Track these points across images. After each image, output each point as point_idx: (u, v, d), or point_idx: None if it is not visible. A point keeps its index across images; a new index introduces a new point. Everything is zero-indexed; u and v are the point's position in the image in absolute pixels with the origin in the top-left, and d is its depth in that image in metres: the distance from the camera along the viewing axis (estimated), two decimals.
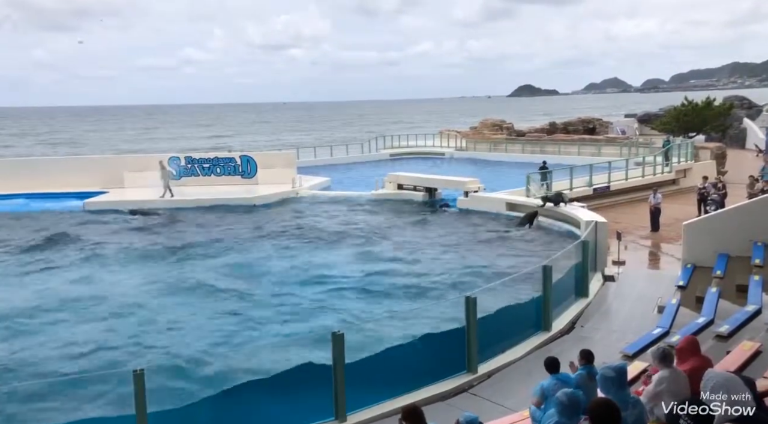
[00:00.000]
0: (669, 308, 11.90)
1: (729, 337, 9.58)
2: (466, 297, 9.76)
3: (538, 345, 10.93)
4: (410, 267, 16.89)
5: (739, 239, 13.69)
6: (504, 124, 48.70)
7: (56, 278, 16.92)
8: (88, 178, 28.79)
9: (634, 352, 9.93)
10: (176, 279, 16.32)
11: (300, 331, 12.45)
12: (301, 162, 35.62)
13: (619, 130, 48.36)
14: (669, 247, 17.91)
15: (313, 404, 8.54)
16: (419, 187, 26.28)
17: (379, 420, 8.43)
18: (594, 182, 25.08)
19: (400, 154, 45.05)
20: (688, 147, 30.41)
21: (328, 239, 20.37)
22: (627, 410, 4.55)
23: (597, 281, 14.30)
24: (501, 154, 41.42)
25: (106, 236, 21.42)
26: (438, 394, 9.24)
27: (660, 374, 5.43)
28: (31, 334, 12.69)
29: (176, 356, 11.29)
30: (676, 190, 27.08)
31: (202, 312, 13.80)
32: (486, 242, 19.49)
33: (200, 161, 30.33)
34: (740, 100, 55.77)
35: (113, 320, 13.36)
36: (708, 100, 41.08)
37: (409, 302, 14.04)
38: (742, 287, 11.95)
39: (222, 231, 21.93)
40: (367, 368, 8.97)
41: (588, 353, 6.90)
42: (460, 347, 9.80)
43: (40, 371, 10.78)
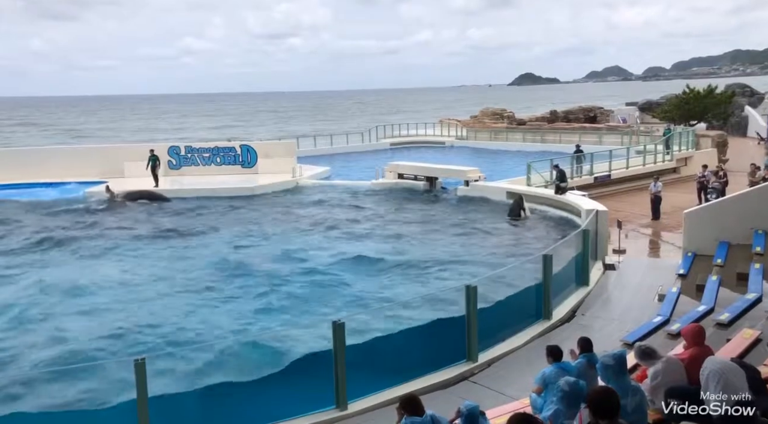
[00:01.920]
0: (669, 296, 11.91)
1: (729, 325, 9.59)
2: (466, 286, 9.76)
3: (539, 334, 10.95)
4: (410, 256, 16.90)
5: (740, 227, 13.68)
6: (504, 113, 48.57)
7: (58, 266, 16.92)
8: (88, 168, 28.77)
9: (635, 340, 9.92)
10: (176, 269, 16.34)
11: (300, 319, 12.49)
12: (301, 151, 35.55)
13: (621, 119, 48.24)
14: (669, 235, 17.90)
15: (313, 392, 8.57)
16: (420, 176, 26.24)
17: (380, 408, 8.46)
18: (595, 171, 25.05)
19: (401, 143, 44.99)
20: (689, 135, 30.36)
21: (328, 228, 20.37)
22: (627, 398, 4.56)
23: (597, 270, 14.30)
24: (501, 143, 41.34)
25: (106, 225, 21.43)
26: (438, 382, 9.26)
27: (653, 368, 5.43)
28: (33, 323, 12.71)
29: (175, 344, 11.32)
30: (677, 178, 27.06)
31: (201, 301, 13.82)
32: (486, 230, 19.48)
33: (200, 151, 30.27)
34: (742, 88, 55.57)
35: (110, 309, 13.40)
36: (709, 88, 40.95)
37: (409, 290, 14.05)
38: (742, 275, 11.95)
39: (221, 220, 21.93)
40: (368, 356, 8.99)
41: (586, 341, 6.90)
42: (460, 335, 9.82)
43: (42, 358, 10.84)
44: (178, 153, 29.86)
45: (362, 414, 8.46)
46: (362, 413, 8.48)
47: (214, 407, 8.02)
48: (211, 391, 8.22)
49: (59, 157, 30.31)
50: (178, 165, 29.73)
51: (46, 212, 23.67)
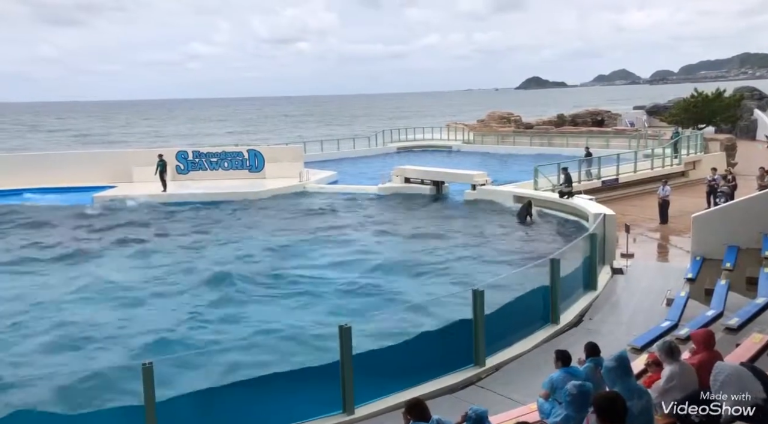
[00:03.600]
0: (678, 300, 11.84)
1: (738, 329, 9.52)
2: (473, 290, 9.73)
3: (546, 338, 10.90)
4: (417, 259, 16.89)
5: (749, 231, 13.59)
6: (512, 117, 48.45)
7: (68, 270, 17.03)
8: (97, 173, 28.96)
9: (643, 345, 9.88)
10: (182, 272, 16.40)
11: (307, 323, 12.49)
12: (308, 156, 35.63)
13: (628, 123, 48.04)
14: (678, 239, 17.80)
15: (320, 396, 8.56)
16: (426, 180, 26.23)
17: (387, 413, 8.44)
18: (602, 175, 24.96)
19: (407, 147, 45.00)
20: (697, 139, 30.19)
21: (335, 233, 20.39)
22: (632, 400, 4.53)
23: (605, 274, 14.24)
24: (509, 146, 41.29)
25: (114, 230, 21.54)
26: (446, 387, 9.23)
27: (669, 369, 5.40)
28: (35, 326, 12.77)
29: (183, 347, 11.33)
30: (686, 182, 26.91)
31: (208, 305, 13.85)
32: (493, 234, 19.45)
33: (208, 155, 30.39)
34: (751, 91, 55.20)
35: (119, 312, 13.46)
36: (718, 92, 40.70)
37: (415, 294, 14.04)
38: (752, 280, 11.88)
39: (228, 225, 22.00)
40: (375, 360, 8.97)
41: (593, 346, 6.87)
42: (467, 339, 9.79)
43: (48, 362, 10.89)
44: (186, 158, 30.00)
45: (369, 419, 8.44)
46: (369, 417, 8.46)
47: (221, 411, 8.02)
48: (217, 395, 8.22)
49: (68, 161, 30.48)
50: (186, 170, 29.85)
51: (52, 216, 23.81)
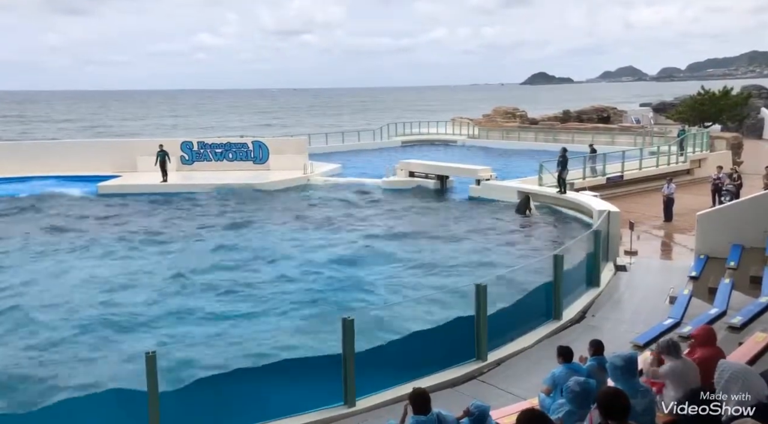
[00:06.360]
0: (681, 298, 11.82)
1: (742, 328, 9.51)
2: (476, 285, 9.74)
3: (548, 334, 10.91)
4: (420, 253, 16.90)
5: (754, 229, 13.54)
6: (517, 112, 48.34)
7: (71, 260, 17.10)
8: (101, 162, 29.03)
9: (645, 342, 9.87)
10: (185, 264, 16.41)
11: (309, 316, 12.52)
12: (313, 148, 35.63)
13: (634, 120, 47.86)
14: (682, 237, 17.77)
15: (322, 388, 8.59)
16: (431, 174, 26.21)
17: (388, 406, 8.47)
18: (607, 171, 24.89)
19: (412, 141, 44.93)
20: (703, 137, 30.07)
21: (338, 225, 20.40)
22: (636, 398, 4.54)
23: (609, 271, 14.23)
24: (513, 142, 41.18)
25: (117, 219, 21.61)
26: (447, 381, 9.25)
27: (670, 365, 5.40)
28: (41, 318, 12.83)
29: (185, 339, 11.38)
30: (691, 180, 26.82)
31: (210, 297, 13.89)
32: (496, 229, 19.44)
33: (212, 146, 30.41)
34: (758, 90, 54.92)
35: (120, 302, 13.51)
36: (725, 90, 40.50)
37: (418, 288, 14.05)
38: (755, 279, 11.86)
39: (232, 216, 22.02)
40: (377, 354, 9.00)
41: (598, 343, 6.86)
42: (469, 334, 9.80)
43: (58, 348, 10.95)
44: (191, 148, 30.03)
45: (370, 411, 8.48)
46: (370, 410, 8.50)
47: (223, 403, 8.05)
48: (219, 386, 8.25)
49: (72, 150, 30.60)
50: (190, 160, 29.89)
51: (57, 205, 23.89)
